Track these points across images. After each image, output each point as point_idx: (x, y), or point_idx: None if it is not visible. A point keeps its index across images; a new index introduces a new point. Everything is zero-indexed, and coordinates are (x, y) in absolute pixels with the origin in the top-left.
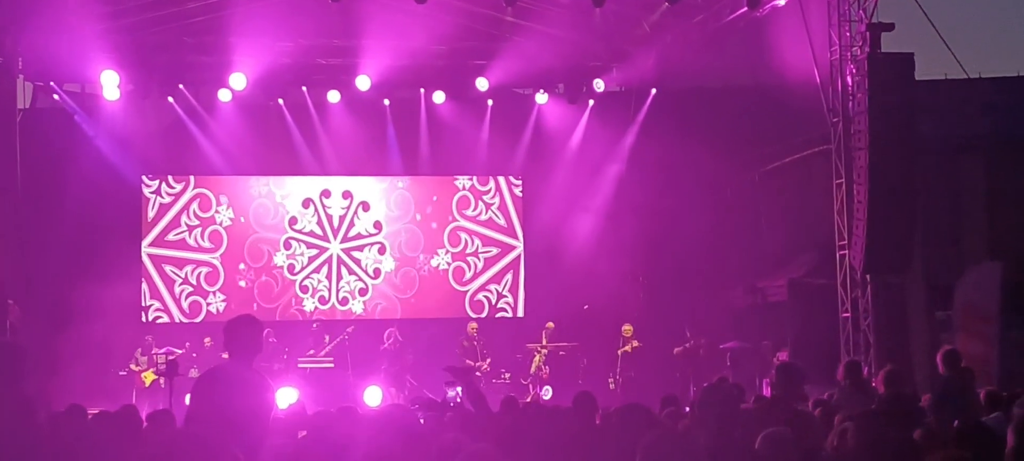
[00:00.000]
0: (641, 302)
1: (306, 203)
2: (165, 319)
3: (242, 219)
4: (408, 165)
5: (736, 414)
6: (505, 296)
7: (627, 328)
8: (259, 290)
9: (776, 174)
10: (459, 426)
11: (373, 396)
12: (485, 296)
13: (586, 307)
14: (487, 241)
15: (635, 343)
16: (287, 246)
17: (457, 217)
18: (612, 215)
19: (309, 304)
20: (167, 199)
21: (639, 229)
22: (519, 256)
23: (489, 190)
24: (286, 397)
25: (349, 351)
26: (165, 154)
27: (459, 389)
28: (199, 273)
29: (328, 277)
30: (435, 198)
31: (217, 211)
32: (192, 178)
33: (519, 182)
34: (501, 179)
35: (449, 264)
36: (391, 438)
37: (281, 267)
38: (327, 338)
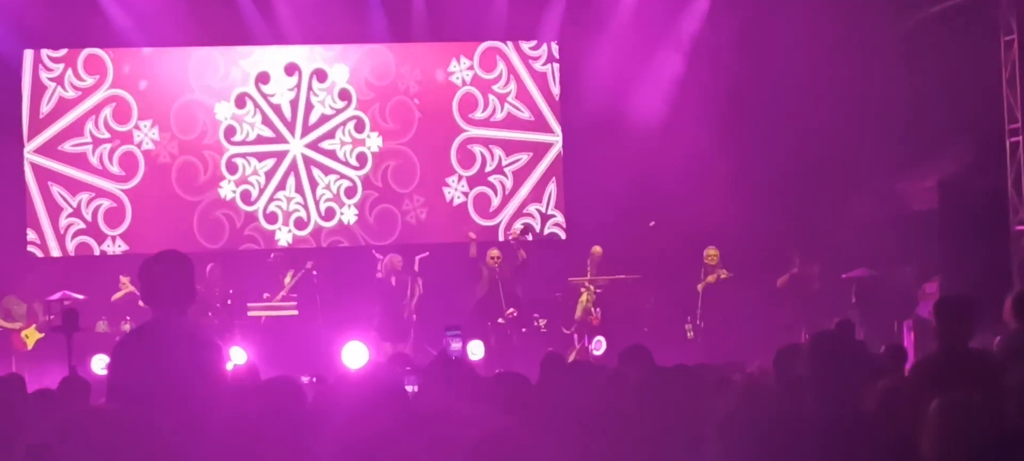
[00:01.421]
0: (730, 214)
1: (240, 101)
2: (39, 254)
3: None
4: (396, 29)
5: (863, 372)
6: (553, 215)
7: (711, 252)
8: (179, 173)
9: (921, 29)
10: (469, 394)
11: (354, 355)
12: (526, 224)
13: (653, 224)
14: (512, 147)
15: (722, 273)
16: (231, 168)
17: (463, 125)
18: (688, 89)
19: (284, 236)
20: (71, 93)
21: (726, 109)
22: (560, 155)
23: (498, 76)
24: (232, 358)
25: (318, 292)
26: (50, 19)
27: (464, 344)
28: (98, 207)
29: (299, 189)
30: (424, 74)
31: (137, 126)
32: (110, 70)
33: (539, 52)
34: (511, 52)
35: (466, 193)
36: (379, 415)
37: (233, 200)
38: (289, 276)
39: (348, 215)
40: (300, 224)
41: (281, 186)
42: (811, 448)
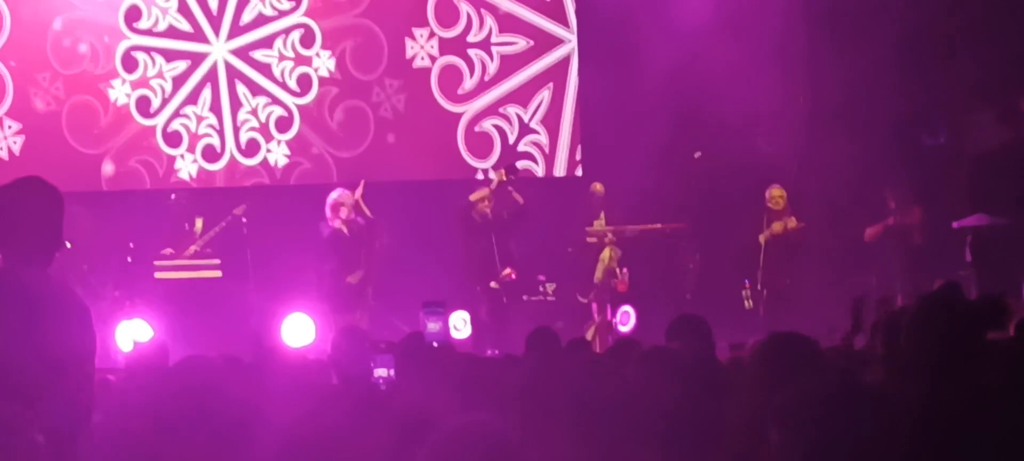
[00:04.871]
0: (801, 143)
1: None
2: None
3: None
4: None
5: (979, 355)
6: (536, 131)
7: (776, 193)
8: (70, 118)
9: None
10: (444, 382)
11: (298, 330)
12: (497, 126)
13: (698, 155)
14: (508, 25)
15: (791, 221)
16: (129, 66)
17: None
18: None
19: (186, 167)
20: None
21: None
22: (568, 58)
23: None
24: (131, 333)
25: (249, 246)
26: None
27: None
28: None
29: (215, 108)
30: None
31: None
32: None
33: None
34: None
35: (433, 57)
36: (333, 411)
37: (125, 106)
38: (199, 224)
39: (276, 154)
40: (210, 154)
41: (191, 100)
42: (911, 445)
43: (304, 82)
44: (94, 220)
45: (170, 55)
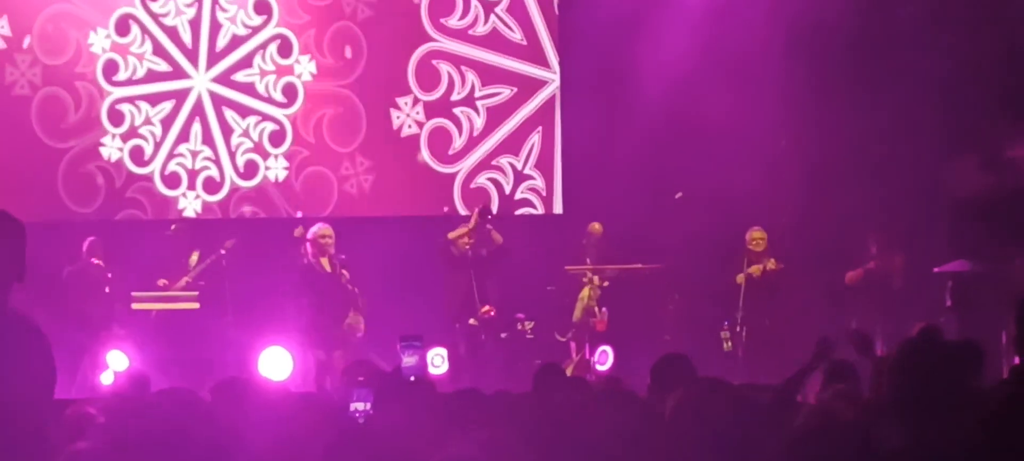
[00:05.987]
0: (782, 186)
1: (123, 26)
2: None
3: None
4: None
5: (961, 398)
6: (531, 176)
7: (756, 235)
8: (41, 105)
9: None
10: (428, 417)
11: (276, 363)
12: (492, 180)
13: (680, 196)
14: (492, 76)
15: (771, 263)
16: (115, 120)
17: (433, 33)
18: (734, 17)
19: (192, 205)
20: None
21: (782, 47)
22: (554, 97)
23: None
24: (110, 364)
25: (227, 279)
26: None
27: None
28: None
29: (207, 140)
30: None
31: None
32: None
33: None
34: None
35: (420, 123)
36: (313, 445)
37: (119, 161)
38: (196, 257)
39: (276, 169)
40: (211, 186)
41: (183, 137)
42: None
43: (289, 92)
44: (106, 249)
45: (154, 99)
